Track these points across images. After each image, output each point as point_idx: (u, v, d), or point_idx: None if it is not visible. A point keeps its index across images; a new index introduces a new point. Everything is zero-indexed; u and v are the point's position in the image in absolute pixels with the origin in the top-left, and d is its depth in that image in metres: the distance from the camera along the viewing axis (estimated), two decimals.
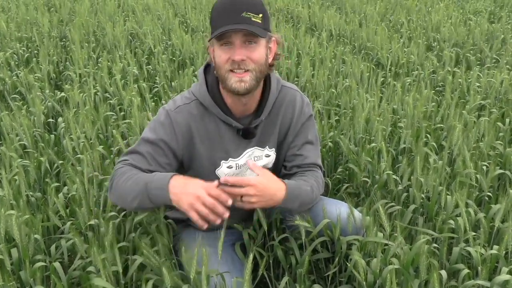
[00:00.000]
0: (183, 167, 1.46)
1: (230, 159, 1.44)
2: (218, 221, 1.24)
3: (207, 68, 1.44)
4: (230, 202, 1.23)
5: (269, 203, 1.34)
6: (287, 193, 1.35)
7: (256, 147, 1.47)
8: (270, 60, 1.36)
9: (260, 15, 1.27)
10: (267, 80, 1.43)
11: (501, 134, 2.45)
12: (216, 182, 1.26)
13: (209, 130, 1.40)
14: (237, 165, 1.45)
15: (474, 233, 1.54)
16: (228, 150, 1.43)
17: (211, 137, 1.41)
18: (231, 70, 1.29)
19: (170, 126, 1.37)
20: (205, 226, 1.24)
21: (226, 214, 1.23)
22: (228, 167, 1.44)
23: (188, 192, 1.23)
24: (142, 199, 1.29)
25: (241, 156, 1.45)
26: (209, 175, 1.44)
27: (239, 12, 1.24)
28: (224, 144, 1.42)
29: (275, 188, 1.33)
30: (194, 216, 1.22)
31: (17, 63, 3.84)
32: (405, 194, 1.84)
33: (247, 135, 1.42)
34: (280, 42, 1.39)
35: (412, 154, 2.22)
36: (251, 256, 1.18)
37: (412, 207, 1.69)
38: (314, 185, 1.45)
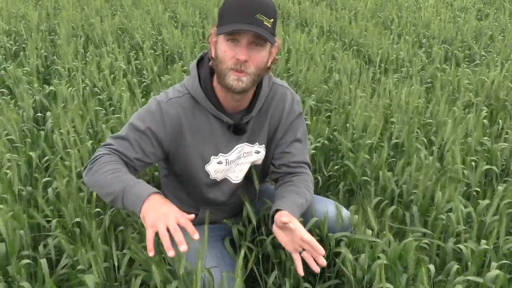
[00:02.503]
0: (168, 160, 1.45)
1: (220, 154, 1.43)
2: (170, 253, 1.10)
3: (200, 62, 1.43)
4: (197, 236, 1.13)
5: None
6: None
7: (246, 143, 1.46)
8: (268, 64, 1.36)
9: (272, 20, 1.27)
10: None
11: (488, 131, 2.48)
12: (192, 216, 1.18)
13: (200, 125, 1.40)
14: (227, 161, 1.45)
15: (463, 227, 1.55)
16: (218, 145, 1.42)
17: (202, 132, 1.40)
18: (232, 68, 1.28)
19: (160, 116, 1.36)
20: (151, 253, 1.11)
21: (182, 247, 1.10)
22: (218, 162, 1.44)
23: (158, 211, 1.16)
24: (116, 198, 1.26)
25: (231, 152, 1.45)
26: (198, 171, 1.43)
27: (253, 13, 1.24)
28: (214, 139, 1.42)
29: None
30: (149, 235, 1.12)
31: (4, 57, 3.79)
32: (398, 190, 1.85)
33: (238, 131, 1.42)
34: (280, 47, 1.39)
35: (404, 149, 2.23)
36: (242, 252, 1.18)
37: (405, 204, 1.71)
38: (307, 194, 1.45)
